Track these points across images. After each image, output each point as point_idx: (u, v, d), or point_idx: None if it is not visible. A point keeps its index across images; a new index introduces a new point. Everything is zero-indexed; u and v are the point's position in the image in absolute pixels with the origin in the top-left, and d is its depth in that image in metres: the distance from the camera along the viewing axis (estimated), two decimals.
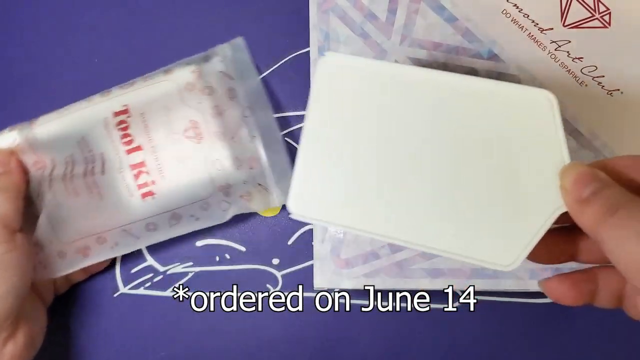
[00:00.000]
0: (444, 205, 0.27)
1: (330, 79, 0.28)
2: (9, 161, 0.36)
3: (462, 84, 0.27)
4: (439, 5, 0.37)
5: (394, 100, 0.27)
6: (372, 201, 0.27)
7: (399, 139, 0.27)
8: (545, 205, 0.26)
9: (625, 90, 0.37)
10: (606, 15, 0.36)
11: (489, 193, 0.26)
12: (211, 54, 0.38)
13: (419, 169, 0.27)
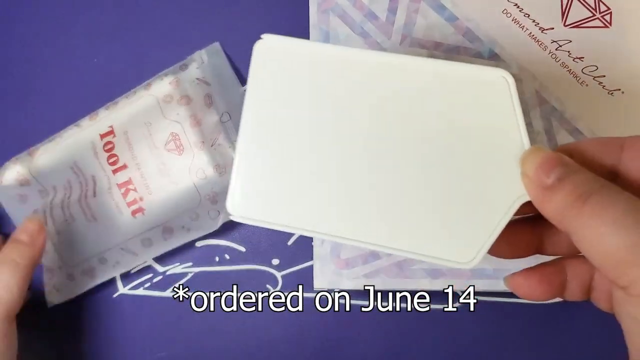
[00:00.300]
0: (397, 200, 0.24)
1: (268, 64, 0.26)
2: (38, 237, 0.35)
3: (412, 65, 0.25)
4: (440, 5, 0.37)
5: (338, 87, 0.25)
6: (319, 198, 0.25)
7: (344, 129, 0.25)
8: (506, 195, 0.24)
9: (626, 90, 0.36)
10: (607, 15, 0.36)
11: (446, 185, 0.24)
12: (188, 62, 0.38)
13: (367, 162, 0.25)
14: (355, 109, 0.25)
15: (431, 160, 0.24)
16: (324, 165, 0.25)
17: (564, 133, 0.37)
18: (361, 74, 0.25)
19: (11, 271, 0.33)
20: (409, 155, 0.24)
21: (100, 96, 0.39)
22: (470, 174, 0.24)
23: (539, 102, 0.37)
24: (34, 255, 0.35)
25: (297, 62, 0.26)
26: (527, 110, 0.37)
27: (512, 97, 0.24)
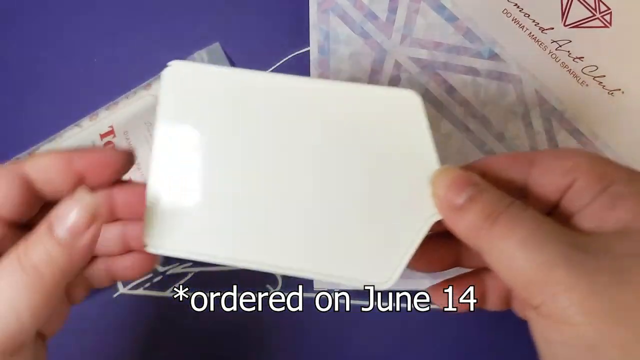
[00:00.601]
0: (312, 223, 0.24)
1: (178, 91, 0.25)
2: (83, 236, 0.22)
3: (323, 89, 0.25)
4: (440, 5, 0.37)
5: (250, 112, 0.25)
6: (234, 226, 0.25)
7: (257, 154, 0.25)
8: (419, 214, 0.24)
9: (626, 90, 0.36)
10: (607, 14, 0.36)
11: (359, 206, 0.24)
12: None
13: (280, 186, 0.25)
14: (267, 135, 0.25)
15: (346, 182, 0.24)
16: (239, 192, 0.25)
17: (564, 133, 0.37)
18: (272, 99, 0.25)
19: (25, 285, 0.21)
20: (327, 178, 0.24)
21: (100, 96, 0.39)
22: (384, 194, 0.24)
23: (539, 102, 0.37)
24: (70, 265, 0.22)
25: (207, 88, 0.25)
26: (527, 110, 0.37)
27: (420, 118, 0.24)
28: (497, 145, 0.37)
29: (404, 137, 0.24)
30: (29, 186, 0.24)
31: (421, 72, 0.37)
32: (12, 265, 0.21)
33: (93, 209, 0.22)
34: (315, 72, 0.37)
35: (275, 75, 0.25)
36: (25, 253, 0.21)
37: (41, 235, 0.22)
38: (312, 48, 0.38)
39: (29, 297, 0.21)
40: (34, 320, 0.21)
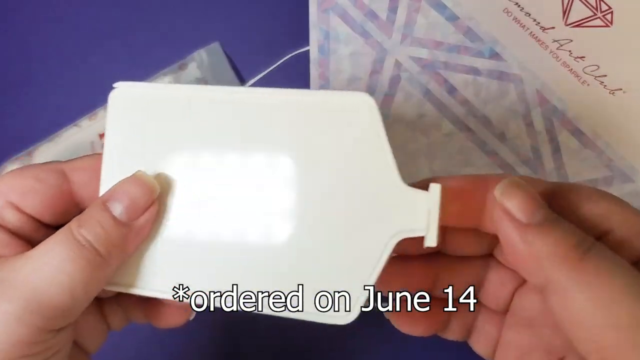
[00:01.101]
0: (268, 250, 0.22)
1: (125, 114, 0.24)
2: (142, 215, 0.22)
3: (275, 99, 0.22)
4: (440, 4, 0.37)
5: (202, 129, 0.23)
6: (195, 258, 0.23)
7: (212, 174, 0.23)
8: (379, 234, 0.21)
9: (628, 90, 0.36)
10: (608, 14, 0.36)
11: (316, 228, 0.22)
12: (188, 61, 0.38)
13: (232, 208, 0.23)
14: (224, 151, 0.23)
15: (302, 202, 0.22)
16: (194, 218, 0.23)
17: (565, 133, 0.37)
18: (221, 113, 0.23)
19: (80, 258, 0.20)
20: (277, 196, 0.22)
21: (99, 96, 0.39)
22: (341, 213, 0.22)
23: (540, 101, 0.37)
24: (124, 245, 0.22)
25: (155, 108, 0.24)
26: (528, 110, 0.37)
27: (375, 122, 0.21)
28: (498, 145, 0.37)
29: (360, 146, 0.22)
30: (66, 185, 0.24)
31: (422, 71, 0.37)
32: (68, 237, 0.21)
33: (153, 190, 0.22)
34: (315, 72, 0.37)
35: (223, 89, 0.23)
36: (79, 227, 0.21)
37: (96, 211, 0.21)
38: (312, 48, 0.38)
39: (85, 273, 0.20)
40: (85, 295, 0.21)
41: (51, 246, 0.21)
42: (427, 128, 0.37)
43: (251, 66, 0.40)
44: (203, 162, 0.23)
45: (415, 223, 0.21)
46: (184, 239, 0.23)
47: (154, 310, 0.26)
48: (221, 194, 0.23)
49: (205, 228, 0.23)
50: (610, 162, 0.36)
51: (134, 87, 0.24)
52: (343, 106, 0.22)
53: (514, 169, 0.37)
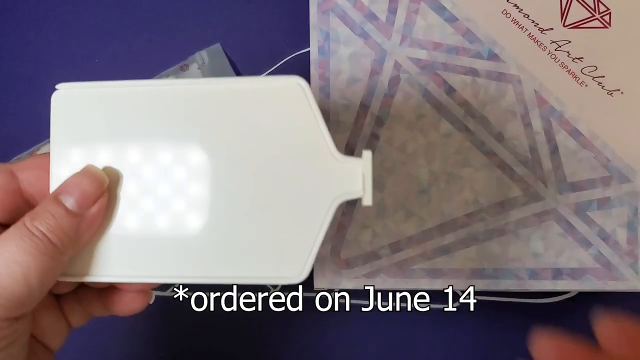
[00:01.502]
0: (219, 226, 0.24)
1: (68, 113, 0.25)
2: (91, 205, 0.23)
3: (211, 88, 0.24)
4: (439, 6, 0.37)
5: (145, 122, 0.25)
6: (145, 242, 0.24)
7: (156, 164, 0.24)
8: (322, 198, 0.23)
9: (626, 91, 0.37)
10: (606, 15, 0.36)
11: (264, 203, 0.24)
12: (189, 62, 0.39)
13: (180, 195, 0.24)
14: (168, 141, 0.24)
15: (246, 180, 0.24)
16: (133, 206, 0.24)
17: (563, 133, 0.37)
18: (164, 106, 0.24)
19: (34, 249, 0.21)
20: (222, 179, 0.24)
21: None
22: (285, 188, 0.24)
23: (538, 102, 0.37)
24: (77, 236, 0.23)
25: (101, 105, 0.25)
26: (526, 111, 0.37)
27: (309, 102, 0.24)
28: (497, 146, 0.37)
29: (296, 124, 0.24)
30: (15, 184, 0.25)
31: (421, 72, 0.37)
32: (20, 230, 0.21)
33: (103, 181, 0.23)
34: (315, 73, 0.37)
35: (160, 82, 0.25)
36: (32, 220, 0.22)
37: (49, 204, 0.22)
38: (312, 48, 0.38)
39: (38, 261, 0.21)
40: (40, 285, 0.21)
41: (4, 239, 0.21)
42: (426, 128, 0.37)
43: (252, 67, 0.40)
44: (146, 153, 0.24)
45: (352, 186, 0.23)
46: (134, 227, 0.24)
47: (113, 300, 0.27)
48: (166, 182, 0.24)
49: (153, 216, 0.24)
50: (608, 162, 0.37)
51: (75, 87, 0.25)
52: (279, 90, 0.24)
53: (512, 170, 0.37)
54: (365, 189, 0.23)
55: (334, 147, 0.24)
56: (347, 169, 0.23)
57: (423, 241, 0.37)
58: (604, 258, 0.36)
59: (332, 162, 0.24)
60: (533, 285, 0.37)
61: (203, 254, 0.24)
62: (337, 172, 0.24)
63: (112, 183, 0.24)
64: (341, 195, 0.23)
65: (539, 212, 0.37)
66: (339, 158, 0.24)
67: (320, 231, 0.23)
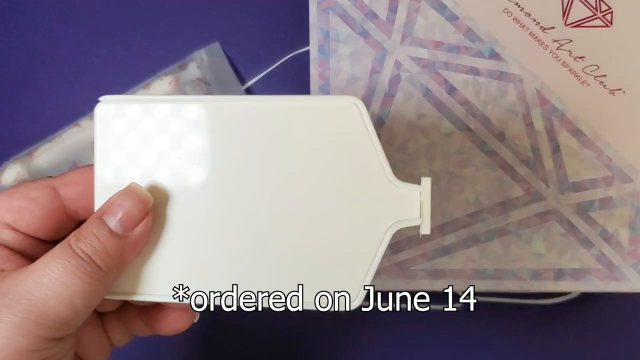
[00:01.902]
0: (272, 249, 0.23)
1: (112, 127, 0.24)
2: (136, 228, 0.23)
3: (265, 107, 0.23)
4: (440, 4, 0.37)
5: (198, 138, 0.24)
6: (195, 259, 0.24)
7: (205, 182, 0.24)
8: (378, 224, 0.23)
9: (628, 90, 0.36)
10: (608, 14, 0.36)
11: (319, 225, 0.23)
12: (188, 62, 0.38)
13: (237, 211, 0.24)
14: (219, 158, 0.24)
15: (298, 202, 0.23)
16: (198, 222, 0.24)
17: (565, 133, 0.37)
18: (213, 122, 0.24)
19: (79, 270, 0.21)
20: (275, 200, 0.23)
21: (100, 96, 0.39)
22: (340, 210, 0.23)
23: (539, 101, 0.37)
24: (122, 257, 0.23)
25: (140, 119, 0.24)
26: (528, 110, 0.37)
27: (365, 122, 0.23)
28: (498, 145, 0.37)
29: (352, 145, 0.23)
30: (58, 201, 0.25)
31: (422, 71, 0.37)
32: (66, 251, 0.21)
33: (147, 202, 0.23)
34: (315, 72, 0.37)
35: (210, 97, 0.24)
36: (77, 241, 0.22)
37: (93, 225, 0.22)
38: (312, 47, 0.37)
39: (84, 284, 0.21)
40: (85, 306, 0.21)
41: (50, 260, 0.21)
42: (427, 128, 0.37)
43: (251, 66, 0.40)
44: (194, 170, 0.24)
45: (410, 214, 0.23)
46: (183, 244, 0.24)
47: (157, 319, 0.27)
48: (216, 198, 0.24)
49: (202, 232, 0.24)
50: (610, 162, 0.36)
51: (119, 100, 0.24)
52: (334, 110, 0.23)
53: (513, 169, 0.37)
54: (424, 216, 0.23)
55: (390, 172, 0.23)
56: (404, 195, 0.23)
57: (424, 241, 0.37)
58: (606, 258, 0.36)
59: (388, 187, 0.23)
60: (535, 286, 0.36)
61: (254, 276, 0.24)
62: (394, 198, 0.23)
63: (158, 200, 0.24)
64: (398, 222, 0.23)
65: (540, 212, 0.37)
66: (396, 183, 0.23)
67: (375, 258, 0.23)
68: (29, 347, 0.20)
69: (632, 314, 0.39)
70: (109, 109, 0.24)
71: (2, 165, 0.39)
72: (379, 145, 0.23)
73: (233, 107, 0.24)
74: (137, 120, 0.24)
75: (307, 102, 0.24)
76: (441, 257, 0.37)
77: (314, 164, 0.23)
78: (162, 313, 0.27)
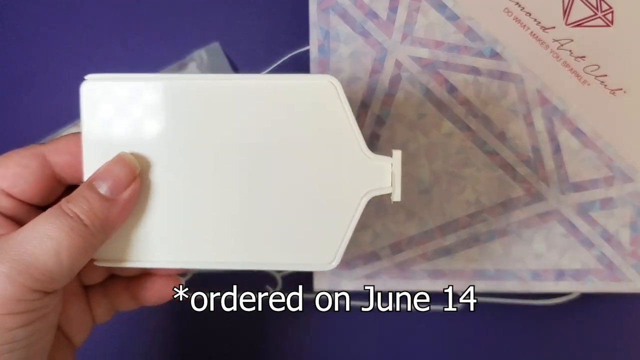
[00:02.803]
0: (253, 217, 0.25)
1: (98, 103, 0.26)
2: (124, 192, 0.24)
3: (244, 85, 0.25)
4: (441, 4, 0.37)
5: (182, 114, 0.25)
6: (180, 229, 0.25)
7: (189, 155, 0.25)
8: (353, 194, 0.25)
9: (629, 90, 0.36)
10: (609, 13, 0.36)
11: (297, 195, 0.25)
12: (188, 61, 0.39)
13: (215, 184, 0.25)
14: (199, 134, 0.25)
15: (279, 172, 0.25)
16: (174, 194, 0.25)
17: (565, 133, 0.36)
18: (195, 98, 0.25)
19: (67, 227, 0.23)
20: (256, 171, 0.25)
21: None
22: (318, 181, 0.25)
23: (540, 101, 0.37)
24: (109, 220, 0.24)
25: (131, 97, 0.26)
26: (528, 110, 0.37)
27: (341, 100, 0.25)
28: (499, 145, 0.37)
29: (328, 121, 0.25)
30: (48, 168, 0.26)
31: (422, 71, 0.37)
32: (56, 210, 0.23)
33: (134, 168, 0.25)
34: (315, 71, 0.37)
35: (187, 75, 0.26)
36: (67, 203, 0.23)
37: (83, 189, 0.24)
38: (312, 47, 0.37)
39: (70, 239, 0.22)
40: (70, 263, 0.23)
41: (41, 218, 0.23)
42: (427, 128, 0.37)
43: (251, 66, 0.40)
44: (178, 142, 0.25)
45: (382, 183, 0.25)
46: (167, 214, 0.25)
47: (142, 288, 0.29)
48: (197, 170, 0.25)
49: (184, 203, 0.25)
50: (611, 162, 0.36)
51: (103, 78, 0.26)
52: (312, 87, 0.25)
53: (514, 169, 0.37)
54: (395, 185, 0.25)
55: (365, 145, 0.25)
56: (378, 167, 0.25)
57: (424, 242, 0.37)
58: (606, 259, 0.36)
59: (363, 159, 0.25)
60: (535, 286, 0.36)
61: (238, 242, 0.25)
62: (368, 169, 0.25)
63: (144, 170, 0.25)
64: (372, 190, 0.25)
65: (541, 212, 0.37)
66: (370, 156, 0.25)
67: (351, 223, 0.25)
68: (15, 296, 0.21)
69: (632, 315, 0.39)
70: (95, 86, 0.26)
71: None
72: (354, 121, 0.25)
73: (215, 85, 0.25)
74: (122, 97, 0.26)
75: (287, 80, 0.25)
76: (441, 257, 0.37)
77: (293, 138, 0.25)
78: (148, 282, 0.28)
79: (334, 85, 0.25)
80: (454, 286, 0.37)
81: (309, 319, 0.40)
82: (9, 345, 0.21)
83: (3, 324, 0.21)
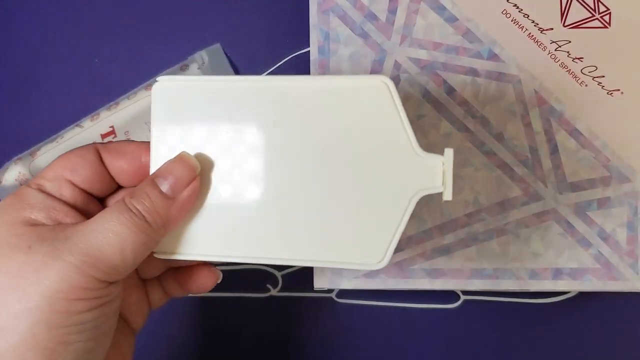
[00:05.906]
0: (305, 213, 0.26)
1: (167, 104, 0.27)
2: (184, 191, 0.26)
3: (300, 85, 0.26)
4: (439, 6, 0.37)
5: (242, 115, 0.26)
6: (235, 225, 0.26)
7: (252, 155, 0.26)
8: (403, 193, 0.25)
9: (626, 91, 0.37)
10: (606, 15, 0.36)
11: (348, 193, 0.25)
12: (189, 62, 0.39)
13: (271, 184, 0.26)
14: (262, 134, 0.26)
15: (332, 171, 0.25)
16: (234, 193, 0.26)
17: (563, 133, 0.37)
18: (254, 100, 0.26)
19: (131, 223, 0.24)
20: (310, 169, 0.26)
21: (101, 96, 0.40)
22: (369, 179, 0.25)
23: (538, 102, 0.37)
24: (169, 217, 0.25)
25: (198, 97, 0.26)
26: (526, 110, 0.37)
27: (394, 100, 0.25)
28: (497, 146, 0.37)
29: (380, 121, 0.25)
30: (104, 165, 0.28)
31: (421, 72, 0.37)
32: (120, 207, 0.24)
33: (195, 168, 0.26)
34: (315, 73, 0.37)
35: (249, 78, 0.27)
36: (130, 199, 0.25)
37: (145, 186, 0.25)
38: (312, 49, 0.38)
39: (134, 235, 0.24)
40: (133, 256, 0.24)
41: (106, 213, 0.24)
42: (426, 128, 0.37)
43: (252, 67, 0.40)
44: (237, 143, 0.26)
45: (433, 182, 0.25)
46: (223, 212, 0.26)
47: (188, 279, 0.30)
48: (255, 170, 0.26)
49: (242, 202, 0.26)
50: (608, 162, 0.37)
51: (173, 80, 0.27)
52: (366, 88, 0.25)
53: (512, 169, 0.37)
54: (446, 184, 0.25)
55: (417, 144, 0.25)
56: (429, 165, 0.25)
57: (423, 241, 0.37)
58: (603, 258, 0.36)
59: (414, 158, 0.25)
60: (533, 285, 0.37)
61: (289, 239, 0.26)
62: (419, 168, 0.25)
63: (205, 169, 0.26)
64: (422, 189, 0.25)
65: (538, 212, 0.37)
66: (421, 154, 0.25)
67: (401, 222, 0.25)
68: (82, 285, 0.23)
69: (629, 313, 0.39)
70: (164, 87, 0.27)
71: (3, 165, 0.40)
72: (407, 120, 0.25)
73: (271, 86, 0.26)
74: (188, 98, 0.27)
75: (341, 80, 0.26)
76: (440, 256, 0.37)
77: (345, 138, 0.25)
78: (192, 274, 0.30)
79: (387, 85, 0.25)
80: (453, 285, 0.37)
81: (308, 318, 0.40)
82: (78, 326, 0.23)
83: (74, 308, 0.23)
